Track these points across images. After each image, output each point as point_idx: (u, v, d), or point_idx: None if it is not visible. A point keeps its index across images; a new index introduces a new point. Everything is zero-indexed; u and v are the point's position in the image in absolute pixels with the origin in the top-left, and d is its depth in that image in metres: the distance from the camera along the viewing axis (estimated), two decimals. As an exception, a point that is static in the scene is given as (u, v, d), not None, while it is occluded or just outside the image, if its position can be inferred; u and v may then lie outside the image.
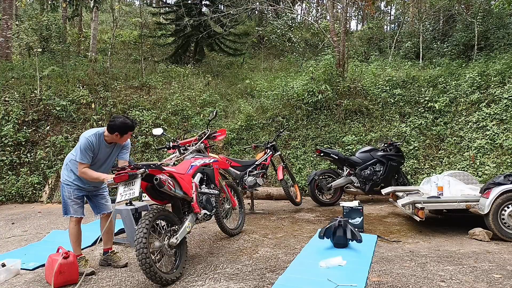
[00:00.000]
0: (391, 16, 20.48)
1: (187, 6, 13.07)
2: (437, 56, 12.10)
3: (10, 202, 7.56)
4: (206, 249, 4.37)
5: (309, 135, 8.80)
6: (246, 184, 6.15)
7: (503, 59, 9.44)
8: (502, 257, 3.93)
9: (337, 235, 4.12)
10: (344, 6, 10.70)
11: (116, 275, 3.60)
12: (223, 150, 8.69)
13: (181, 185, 3.65)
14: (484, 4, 12.62)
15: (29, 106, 8.68)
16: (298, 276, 3.36)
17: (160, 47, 14.89)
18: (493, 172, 7.07)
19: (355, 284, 3.12)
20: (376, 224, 5.44)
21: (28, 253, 4.25)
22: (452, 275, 3.41)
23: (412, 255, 4.03)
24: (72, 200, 3.62)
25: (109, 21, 17.24)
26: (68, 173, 3.64)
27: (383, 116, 9.00)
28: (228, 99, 10.80)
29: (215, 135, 5.11)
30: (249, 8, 11.96)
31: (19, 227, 5.67)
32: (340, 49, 9.94)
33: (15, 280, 3.55)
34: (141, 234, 3.09)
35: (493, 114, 8.03)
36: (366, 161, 7.05)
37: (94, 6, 11.48)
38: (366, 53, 14.19)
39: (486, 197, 4.63)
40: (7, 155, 7.87)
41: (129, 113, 9.13)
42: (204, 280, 3.41)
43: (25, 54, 12.46)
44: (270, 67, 13.84)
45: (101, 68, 10.83)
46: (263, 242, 4.60)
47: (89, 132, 3.57)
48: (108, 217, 3.76)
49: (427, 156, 8.12)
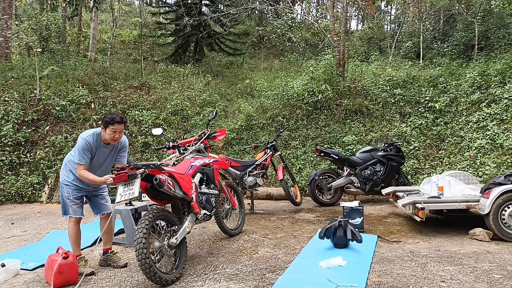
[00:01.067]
0: (391, 16, 20.46)
1: (187, 5, 13.06)
2: (438, 56, 12.09)
3: (9, 202, 7.56)
4: (206, 249, 4.37)
5: (309, 135, 8.79)
6: (246, 184, 6.14)
7: (504, 59, 9.43)
8: (502, 257, 3.93)
9: (337, 235, 4.12)
10: (344, 6, 10.69)
11: (115, 275, 3.59)
12: (223, 150, 8.68)
13: (181, 185, 3.64)
14: (484, 4, 12.61)
15: (28, 106, 8.67)
16: (298, 276, 3.35)
17: (160, 47, 14.88)
18: (493, 172, 7.06)
19: (355, 284, 3.12)
20: (377, 224, 5.44)
21: (27, 253, 4.25)
22: (453, 275, 3.41)
23: (413, 255, 4.02)
24: (71, 201, 3.61)
25: (108, 21, 17.24)
26: (67, 174, 3.64)
27: (383, 116, 8.99)
28: (228, 99, 10.80)
29: (215, 135, 5.10)
30: (249, 8, 11.96)
31: (19, 227, 5.67)
32: (340, 49, 9.93)
33: (14, 280, 3.55)
34: (140, 234, 3.09)
35: (494, 114, 8.02)
36: (366, 161, 7.04)
37: (93, 6, 11.49)
38: (366, 53, 14.19)
39: (486, 197, 4.63)
40: (6, 155, 7.86)
41: (129, 113, 9.13)
42: (204, 280, 3.40)
43: (24, 54, 12.46)
44: (270, 67, 13.84)
45: (101, 68, 10.83)
46: (263, 242, 4.59)
47: (86, 133, 3.57)
48: (108, 217, 3.75)
49: (428, 156, 8.11)
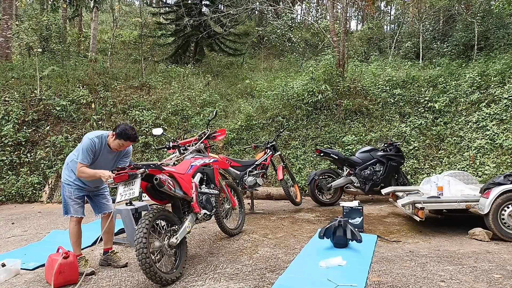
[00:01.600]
0: (391, 16, 20.46)
1: (187, 6, 13.08)
2: (437, 56, 12.10)
3: (10, 202, 7.56)
4: (206, 249, 4.37)
5: (309, 135, 8.80)
6: (246, 184, 6.14)
7: (503, 59, 9.44)
8: (502, 257, 3.94)
9: (337, 235, 4.11)
10: (344, 6, 10.69)
11: (116, 275, 3.60)
12: (223, 150, 8.69)
13: (181, 185, 3.65)
14: (484, 4, 12.62)
15: (29, 106, 8.68)
16: (298, 276, 3.36)
17: (160, 47, 14.89)
18: (493, 172, 7.07)
19: (355, 284, 3.12)
20: (376, 224, 5.44)
21: (28, 253, 4.25)
22: (452, 275, 3.41)
23: (412, 255, 4.03)
24: (73, 200, 3.62)
25: (109, 21, 17.25)
26: (69, 173, 3.64)
27: (383, 116, 9.00)
28: (228, 99, 10.81)
29: (215, 135, 5.11)
30: (249, 8, 11.96)
31: (19, 227, 5.67)
32: (340, 49, 9.94)
33: (15, 280, 3.55)
34: (141, 234, 3.09)
35: (493, 114, 8.03)
36: (366, 161, 7.05)
37: (94, 6, 11.50)
38: (366, 53, 14.20)
39: (486, 197, 4.64)
40: (7, 155, 7.87)
41: (129, 113, 9.14)
42: (204, 280, 3.41)
43: (25, 54, 12.47)
44: (270, 67, 13.85)
45: (101, 68, 10.84)
46: (263, 242, 4.60)
47: (93, 134, 3.57)
48: (109, 217, 3.76)
49: (427, 156, 8.12)
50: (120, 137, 3.49)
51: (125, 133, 3.49)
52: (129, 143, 3.56)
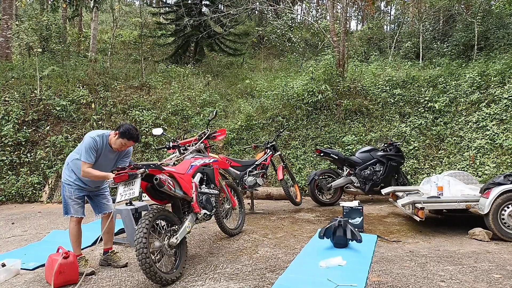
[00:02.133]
0: (391, 16, 20.46)
1: (187, 6, 13.08)
2: (437, 56, 12.10)
3: (10, 202, 7.56)
4: (206, 249, 4.37)
5: (309, 135, 8.80)
6: (246, 184, 6.14)
7: (503, 59, 9.44)
8: (502, 257, 3.94)
9: (337, 235, 4.11)
10: (344, 6, 10.69)
11: (116, 275, 3.60)
12: (223, 150, 8.69)
13: (181, 185, 3.65)
14: (484, 4, 12.61)
15: (29, 106, 8.68)
16: (298, 276, 3.36)
17: (160, 47, 14.89)
18: (493, 172, 7.07)
19: (355, 284, 3.12)
20: (376, 224, 5.45)
21: (28, 253, 4.25)
22: (452, 275, 3.42)
23: (412, 255, 4.03)
24: (73, 200, 3.62)
25: (109, 21, 17.25)
26: (69, 173, 3.64)
27: (383, 116, 9.00)
28: (228, 99, 10.80)
29: (215, 135, 5.11)
30: (249, 8, 11.96)
31: (19, 227, 5.67)
32: (340, 49, 9.94)
33: (15, 280, 3.55)
34: (141, 234, 3.09)
35: (493, 114, 8.03)
36: (366, 161, 7.05)
37: (94, 6, 11.48)
38: (366, 53, 14.19)
39: (486, 197, 4.64)
40: (7, 155, 7.87)
41: (129, 113, 9.14)
42: (204, 280, 3.41)
43: (25, 54, 12.46)
44: (270, 67, 13.85)
45: (101, 68, 10.84)
46: (263, 242, 4.60)
47: (94, 133, 3.58)
48: (109, 217, 3.76)
49: (427, 156, 8.12)
50: (123, 136, 3.50)
51: (129, 132, 3.50)
52: (131, 143, 3.58)
